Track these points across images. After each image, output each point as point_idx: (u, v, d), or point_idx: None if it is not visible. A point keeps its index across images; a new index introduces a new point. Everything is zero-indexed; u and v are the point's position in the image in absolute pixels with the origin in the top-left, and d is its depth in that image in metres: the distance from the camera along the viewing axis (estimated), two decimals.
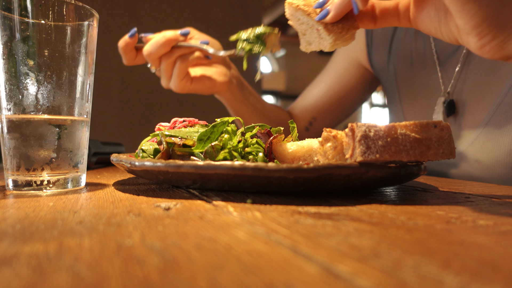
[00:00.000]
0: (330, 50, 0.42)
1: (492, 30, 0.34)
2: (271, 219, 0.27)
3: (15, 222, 0.26)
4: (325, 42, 0.41)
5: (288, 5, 0.43)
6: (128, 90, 1.61)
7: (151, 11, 1.64)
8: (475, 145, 0.65)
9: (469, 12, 0.34)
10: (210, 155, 0.40)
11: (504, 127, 0.61)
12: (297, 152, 0.41)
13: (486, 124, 0.63)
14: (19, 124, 0.38)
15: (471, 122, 0.66)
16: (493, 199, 0.38)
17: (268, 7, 6.65)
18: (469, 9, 0.33)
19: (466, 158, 0.67)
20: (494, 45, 0.35)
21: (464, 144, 0.67)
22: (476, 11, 0.33)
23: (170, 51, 0.68)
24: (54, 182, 0.40)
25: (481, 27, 0.34)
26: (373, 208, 0.31)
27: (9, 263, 0.18)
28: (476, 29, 0.34)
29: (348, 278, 0.16)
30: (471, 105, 0.66)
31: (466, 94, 0.67)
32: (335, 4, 0.40)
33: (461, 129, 0.68)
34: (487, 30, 0.34)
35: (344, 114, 0.97)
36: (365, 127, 0.34)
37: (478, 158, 0.64)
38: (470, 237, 0.23)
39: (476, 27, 0.34)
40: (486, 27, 0.34)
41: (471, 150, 0.65)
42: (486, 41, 0.35)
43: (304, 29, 0.43)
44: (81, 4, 0.41)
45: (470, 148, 0.66)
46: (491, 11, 0.34)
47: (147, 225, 0.25)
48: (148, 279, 0.16)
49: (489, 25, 0.34)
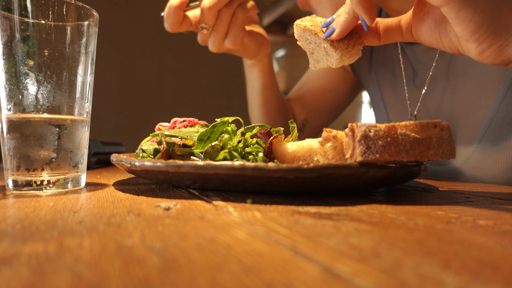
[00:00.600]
0: (337, 66, 0.44)
1: (490, 36, 0.35)
2: (271, 219, 0.27)
3: (15, 222, 0.26)
4: (332, 58, 0.43)
5: (296, 27, 0.45)
6: (128, 90, 1.61)
7: (151, 11, 1.64)
8: (471, 162, 0.63)
9: (465, 18, 0.34)
10: (210, 155, 0.40)
11: (499, 143, 0.59)
12: (297, 152, 0.41)
13: (480, 140, 0.62)
14: (19, 124, 0.38)
15: (464, 138, 0.65)
16: (493, 199, 0.38)
17: (268, 7, 6.65)
18: (465, 15, 0.34)
19: (463, 174, 0.65)
20: (493, 50, 0.35)
21: (459, 160, 0.65)
22: (472, 17, 0.34)
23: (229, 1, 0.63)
24: (54, 182, 0.40)
25: (478, 33, 0.35)
26: (373, 208, 0.31)
27: (9, 263, 0.18)
28: (474, 35, 0.35)
29: (348, 278, 0.16)
30: (462, 119, 0.65)
31: (457, 108, 0.66)
32: (340, 22, 0.41)
33: (456, 145, 0.66)
34: (485, 35, 0.35)
35: (332, 114, 0.97)
36: (365, 127, 0.34)
37: (475, 175, 0.63)
38: (470, 237, 0.23)
39: (473, 33, 0.35)
40: (484, 33, 0.35)
41: (467, 166, 0.64)
42: (485, 46, 0.35)
43: (312, 48, 0.45)
44: (81, 4, 0.41)
45: (466, 164, 0.64)
46: (486, 17, 0.34)
47: (147, 225, 0.25)
48: (148, 279, 0.16)
49: (486, 31, 0.34)
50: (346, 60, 0.43)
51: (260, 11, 1.88)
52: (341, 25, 0.41)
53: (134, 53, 1.62)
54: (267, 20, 6.97)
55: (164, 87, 1.67)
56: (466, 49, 0.38)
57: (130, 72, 1.61)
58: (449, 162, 0.68)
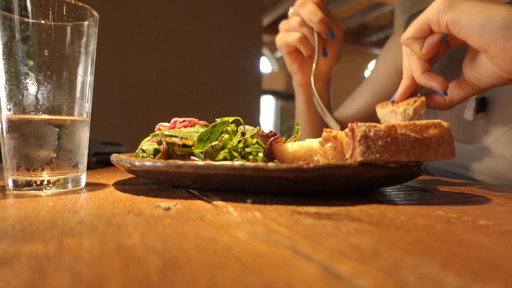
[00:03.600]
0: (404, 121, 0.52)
1: (499, 32, 0.40)
2: (271, 219, 0.27)
3: (15, 222, 0.26)
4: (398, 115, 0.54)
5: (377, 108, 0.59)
6: (128, 90, 1.61)
7: (151, 11, 1.64)
8: (502, 141, 0.66)
9: (481, 36, 0.42)
10: (210, 155, 0.40)
11: None
12: (297, 152, 0.41)
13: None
14: (19, 124, 0.38)
15: (500, 119, 0.67)
16: (493, 199, 0.38)
17: (268, 7, 6.65)
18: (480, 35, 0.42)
19: (491, 152, 0.68)
20: (510, 45, 0.40)
21: (491, 139, 0.68)
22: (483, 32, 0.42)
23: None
24: (54, 182, 0.40)
25: (486, 34, 0.41)
26: (373, 208, 0.31)
27: (9, 263, 0.18)
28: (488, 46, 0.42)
29: (348, 278, 0.16)
30: (502, 103, 0.67)
31: (497, 92, 0.68)
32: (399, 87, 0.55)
33: (489, 125, 0.69)
34: (494, 33, 0.40)
35: None
36: (365, 127, 0.34)
37: (503, 153, 0.66)
38: (470, 237, 0.23)
39: (487, 39, 0.41)
40: (491, 32, 0.41)
41: (497, 145, 0.67)
42: (502, 44, 0.40)
43: (388, 118, 0.57)
44: (81, 4, 0.41)
45: (497, 143, 0.67)
46: (482, 19, 0.41)
47: (147, 225, 0.25)
48: (148, 279, 0.16)
49: (491, 29, 0.40)
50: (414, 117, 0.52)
51: (261, 11, 1.88)
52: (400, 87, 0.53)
53: (134, 53, 1.62)
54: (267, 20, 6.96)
55: (164, 87, 1.67)
56: (496, 62, 0.43)
57: (130, 72, 1.61)
58: (479, 140, 0.70)
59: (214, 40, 1.77)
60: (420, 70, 0.49)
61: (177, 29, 1.69)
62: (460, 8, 0.42)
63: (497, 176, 0.67)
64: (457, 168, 0.74)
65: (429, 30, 0.46)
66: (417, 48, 0.47)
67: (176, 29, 1.69)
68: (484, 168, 0.69)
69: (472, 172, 0.71)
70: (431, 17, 0.44)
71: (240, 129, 0.46)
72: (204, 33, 1.74)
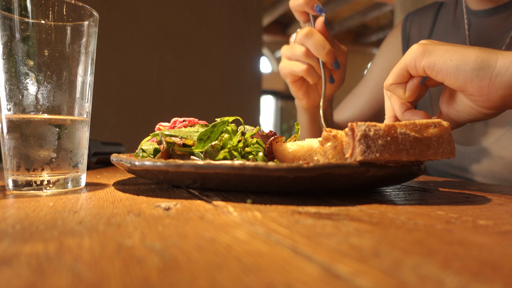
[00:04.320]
0: None
1: (473, 73, 0.42)
2: (271, 219, 0.27)
3: (15, 222, 0.26)
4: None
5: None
6: (128, 90, 1.61)
7: (151, 11, 1.64)
8: (500, 142, 0.66)
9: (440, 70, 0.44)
10: (210, 154, 0.40)
11: None
12: (297, 152, 0.41)
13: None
14: (19, 124, 0.38)
15: (498, 121, 0.67)
16: (493, 199, 0.38)
17: (268, 7, 6.65)
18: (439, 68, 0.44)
19: (489, 153, 0.68)
20: (487, 85, 0.42)
21: (489, 140, 0.68)
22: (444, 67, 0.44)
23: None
24: (54, 182, 0.40)
25: (460, 75, 0.43)
26: (373, 208, 0.31)
27: (9, 263, 0.18)
28: (458, 79, 0.43)
29: (348, 278, 0.16)
30: None
31: None
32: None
33: (488, 126, 0.69)
34: (468, 74, 0.42)
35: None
36: (365, 126, 0.34)
37: (501, 155, 0.66)
38: (470, 237, 0.23)
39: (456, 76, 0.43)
40: (463, 73, 0.43)
41: (495, 146, 0.67)
42: (478, 84, 0.42)
43: None
44: (81, 4, 0.41)
45: (495, 144, 0.67)
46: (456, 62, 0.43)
47: (147, 225, 0.25)
48: (148, 279, 0.16)
49: (465, 70, 0.42)
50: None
51: (261, 11, 1.88)
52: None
53: (134, 53, 1.62)
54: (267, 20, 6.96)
55: (164, 87, 1.67)
56: (474, 100, 0.44)
57: (130, 72, 1.61)
58: (478, 142, 0.70)
59: (214, 40, 1.77)
60: (403, 109, 0.50)
61: (177, 29, 1.69)
62: (434, 53, 0.44)
63: (496, 178, 0.67)
64: (456, 169, 0.74)
65: (409, 75, 0.48)
66: (401, 92, 0.49)
67: (176, 29, 1.69)
68: (483, 170, 0.69)
69: (471, 173, 0.71)
70: (408, 63, 0.46)
71: (240, 129, 0.46)
72: (204, 33, 1.74)
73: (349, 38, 8.61)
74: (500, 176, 0.66)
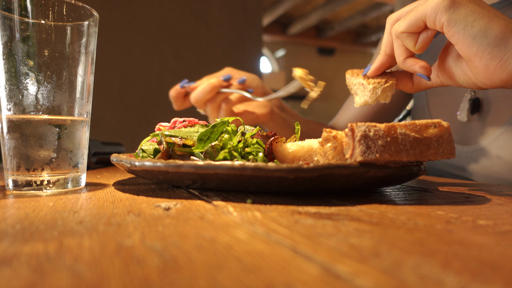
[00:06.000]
0: (371, 99, 0.50)
1: (487, 48, 0.40)
2: (271, 219, 0.27)
3: (15, 222, 0.26)
4: (366, 91, 0.51)
5: (346, 74, 0.56)
6: (128, 90, 1.61)
7: (151, 11, 1.64)
8: (499, 142, 0.66)
9: (458, 33, 0.41)
10: (210, 155, 0.40)
11: None
12: (297, 152, 0.41)
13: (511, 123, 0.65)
14: (19, 124, 0.38)
15: (496, 120, 0.67)
16: (493, 199, 0.38)
17: (268, 7, 6.65)
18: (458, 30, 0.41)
19: (487, 154, 0.68)
20: (496, 64, 0.40)
21: (487, 140, 0.68)
22: (464, 31, 0.41)
23: (214, 95, 0.74)
24: (54, 182, 0.40)
25: (474, 46, 0.41)
26: (373, 208, 0.31)
27: (9, 263, 0.18)
28: (471, 49, 0.41)
29: (348, 278, 0.16)
30: (496, 103, 0.67)
31: (492, 92, 0.68)
32: (375, 61, 0.51)
33: (485, 126, 0.69)
34: (482, 48, 0.40)
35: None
36: (365, 126, 0.34)
37: (499, 155, 0.66)
38: (470, 237, 0.23)
39: (470, 46, 0.41)
40: (480, 46, 0.40)
41: (493, 146, 0.67)
42: (487, 60, 0.40)
43: (356, 89, 0.54)
44: (81, 4, 0.41)
45: (493, 144, 0.67)
46: (477, 30, 0.40)
47: (147, 225, 0.25)
48: (148, 279, 0.16)
49: (481, 44, 0.40)
50: (380, 94, 0.50)
51: (261, 11, 1.88)
52: (376, 63, 0.50)
53: (134, 53, 1.62)
54: (267, 20, 6.96)
55: (164, 87, 1.67)
56: (476, 73, 0.43)
57: (130, 72, 1.61)
58: (476, 142, 0.69)
59: (214, 40, 1.77)
60: (404, 55, 0.47)
61: (177, 29, 1.69)
62: (459, 12, 0.41)
63: (495, 177, 0.67)
64: (455, 169, 0.74)
65: (424, 26, 0.45)
66: (411, 43, 0.46)
67: (176, 29, 1.69)
68: (481, 169, 0.69)
69: (469, 173, 0.71)
70: (429, 14, 0.43)
71: (240, 129, 0.46)
72: (204, 33, 1.74)
73: (349, 38, 8.60)
74: (498, 176, 0.66)
